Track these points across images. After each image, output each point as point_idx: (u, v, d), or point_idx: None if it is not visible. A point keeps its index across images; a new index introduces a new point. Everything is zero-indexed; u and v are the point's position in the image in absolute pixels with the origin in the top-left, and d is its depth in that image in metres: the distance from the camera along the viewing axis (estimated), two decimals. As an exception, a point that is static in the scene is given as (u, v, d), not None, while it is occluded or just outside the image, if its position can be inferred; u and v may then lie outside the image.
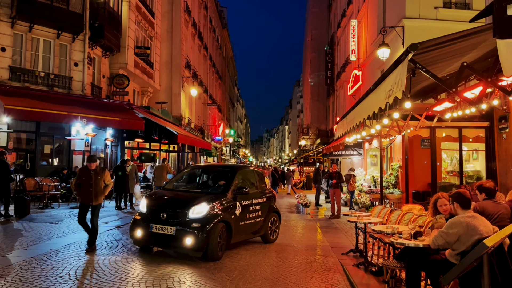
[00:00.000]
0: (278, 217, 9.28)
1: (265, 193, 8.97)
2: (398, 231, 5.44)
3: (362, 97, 6.35)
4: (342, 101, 30.31)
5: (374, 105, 5.13)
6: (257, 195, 8.58)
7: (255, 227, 8.36)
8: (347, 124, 7.47)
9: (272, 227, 8.91)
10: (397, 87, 4.01)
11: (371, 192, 15.26)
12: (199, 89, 31.29)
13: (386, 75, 4.77)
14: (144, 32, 22.64)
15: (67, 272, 6.00)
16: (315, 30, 41.84)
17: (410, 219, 6.36)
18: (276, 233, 9.07)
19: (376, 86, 5.32)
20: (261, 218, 8.50)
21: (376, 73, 19.67)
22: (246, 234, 8.19)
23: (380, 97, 4.89)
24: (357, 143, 20.73)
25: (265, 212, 8.64)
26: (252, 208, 8.24)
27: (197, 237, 6.77)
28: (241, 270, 6.52)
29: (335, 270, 6.77)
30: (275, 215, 9.08)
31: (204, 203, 7.19)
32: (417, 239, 4.77)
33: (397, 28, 15.62)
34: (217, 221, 7.12)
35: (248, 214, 8.07)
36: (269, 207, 8.87)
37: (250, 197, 8.23)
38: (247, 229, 8.11)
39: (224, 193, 7.78)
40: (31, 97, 14.58)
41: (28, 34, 15.86)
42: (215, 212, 7.21)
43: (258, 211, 8.41)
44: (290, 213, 15.46)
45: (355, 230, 7.95)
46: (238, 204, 7.78)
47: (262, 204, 8.63)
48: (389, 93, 4.35)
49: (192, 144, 24.89)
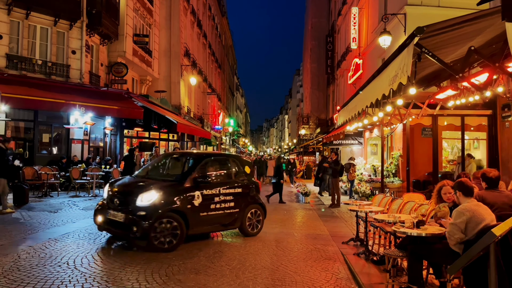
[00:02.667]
0: (262, 209, 8.58)
1: (243, 183, 8.31)
2: (400, 220, 5.37)
3: (365, 84, 6.22)
4: (342, 90, 30.12)
5: (378, 92, 5.00)
6: (229, 185, 7.99)
7: (225, 219, 7.81)
8: (349, 112, 7.35)
9: (253, 220, 8.30)
10: (402, 73, 3.88)
11: (371, 181, 15.21)
12: (199, 77, 31.07)
13: (390, 61, 4.64)
14: (142, 19, 22.36)
15: (65, 261, 5.94)
16: (315, 19, 41.42)
17: (412, 208, 6.30)
18: (259, 227, 8.43)
19: (379, 72, 5.18)
20: (234, 209, 7.91)
21: (377, 61, 19.49)
22: (212, 226, 7.69)
23: (383, 83, 4.76)
24: (357, 132, 20.63)
25: (240, 203, 8.05)
26: (221, 199, 7.67)
27: (141, 225, 6.50)
28: (240, 259, 6.47)
29: (335, 259, 6.72)
30: (257, 207, 8.44)
31: (153, 191, 6.90)
32: (420, 228, 4.69)
33: (399, 15, 15.39)
34: (166, 210, 6.80)
35: (214, 205, 7.54)
36: (247, 198, 8.26)
37: (217, 186, 7.70)
38: (213, 220, 7.58)
39: (181, 181, 7.32)
40: (28, 85, 14.43)
41: (24, 21, 15.65)
42: (165, 200, 6.87)
43: (229, 202, 7.83)
44: (290, 202, 15.42)
45: (356, 219, 7.90)
46: (199, 193, 7.28)
47: (237, 194, 8.02)
48: (393, 79, 4.23)
49: (191, 133, 24.77)
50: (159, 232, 6.64)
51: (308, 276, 5.74)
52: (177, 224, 6.85)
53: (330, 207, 13.60)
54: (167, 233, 6.73)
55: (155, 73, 24.34)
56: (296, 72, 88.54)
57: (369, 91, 5.75)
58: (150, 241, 6.56)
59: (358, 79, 23.28)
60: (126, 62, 19.87)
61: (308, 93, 45.54)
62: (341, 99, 30.17)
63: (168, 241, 6.72)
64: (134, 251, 6.70)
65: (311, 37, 42.20)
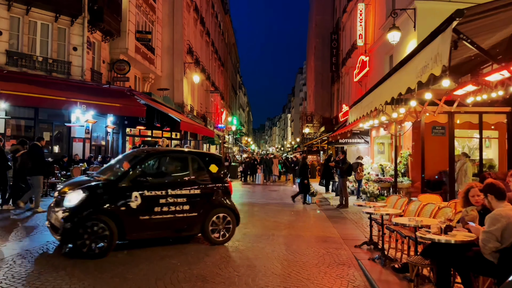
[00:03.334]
0: (233, 215, 7.54)
1: (204, 183, 7.38)
2: (423, 224, 4.99)
3: (384, 78, 5.81)
4: (347, 88, 29.69)
5: (400, 86, 4.60)
6: (183, 185, 7.14)
7: (178, 223, 6.99)
8: (363, 109, 6.96)
9: (219, 226, 7.31)
10: (435, 62, 3.50)
11: (380, 181, 14.81)
12: (202, 75, 30.69)
13: (418, 50, 4.24)
14: (145, 16, 22.00)
15: (63, 267, 5.59)
16: (319, 16, 40.95)
17: (432, 211, 5.91)
18: (227, 235, 7.40)
19: (402, 64, 4.78)
20: (190, 213, 7.05)
21: (384, 58, 19.07)
22: (159, 231, 6.89)
23: (409, 76, 4.37)
24: (364, 130, 20.25)
25: (200, 207, 7.17)
26: (169, 201, 6.84)
27: (64, 228, 6.02)
28: (249, 265, 6.10)
29: (349, 264, 6.35)
30: (225, 211, 7.45)
31: (80, 191, 6.36)
32: (448, 234, 4.31)
33: (408, 11, 14.96)
34: (93, 212, 6.21)
35: (159, 208, 6.73)
36: (211, 201, 7.35)
37: (165, 187, 6.88)
38: (160, 225, 6.79)
39: (117, 181, 6.65)
40: (28, 82, 14.09)
41: (25, 17, 15.31)
42: (92, 201, 6.29)
43: (183, 205, 6.98)
44: (295, 203, 15.04)
45: (369, 221, 7.52)
46: (137, 194, 6.53)
47: (195, 196, 7.16)
48: (422, 70, 3.85)
49: (194, 132, 24.43)
50: (86, 236, 6.04)
51: (323, 284, 5.37)
52: (107, 227, 6.18)
53: (338, 207, 13.23)
54: (95, 238, 6.10)
55: (158, 71, 23.98)
56: (299, 70, 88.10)
57: (389, 85, 5.35)
58: (76, 245, 6.04)
59: (364, 76, 22.86)
60: (128, 59, 19.51)
61: (312, 92, 45.11)
62: (346, 97, 29.75)
63: (98, 246, 6.11)
64: (135, 254, 6.35)
65: (315, 35, 41.73)
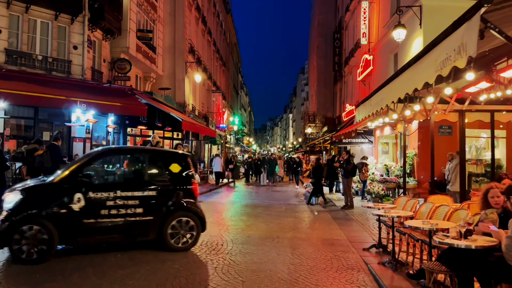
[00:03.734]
0: (197, 219, 6.93)
1: (162, 185, 6.81)
2: (438, 228, 4.72)
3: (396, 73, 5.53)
4: (350, 87, 29.42)
5: (416, 81, 4.33)
6: (137, 186, 6.57)
7: (129, 228, 6.44)
8: (372, 107, 6.69)
9: (180, 231, 6.71)
10: (458, 54, 3.23)
11: (385, 182, 14.54)
12: (203, 75, 30.44)
13: (437, 43, 3.95)
14: (146, 15, 21.77)
15: (60, 273, 5.35)
16: (321, 15, 40.70)
17: (446, 214, 5.64)
18: (190, 241, 6.80)
19: (418, 58, 4.49)
20: (145, 217, 6.51)
21: (388, 57, 18.80)
22: (107, 236, 6.39)
23: (426, 70, 4.10)
24: (368, 130, 20.00)
25: (157, 210, 6.64)
26: (118, 203, 6.32)
27: (1, 231, 5.70)
28: (254, 269, 5.84)
29: (359, 268, 6.08)
30: (188, 216, 6.85)
31: (17, 192, 6.07)
32: (468, 238, 4.04)
33: (414, 8, 14.69)
34: (29, 215, 5.84)
35: (106, 210, 6.26)
36: (170, 204, 6.77)
37: (114, 188, 6.37)
38: (108, 229, 6.30)
39: (59, 182, 6.24)
40: (27, 81, 13.83)
41: (24, 15, 15.07)
42: (29, 203, 5.96)
43: (135, 207, 6.44)
44: (299, 204, 14.80)
45: (378, 223, 7.25)
46: (80, 196, 6.11)
47: (149, 198, 6.60)
48: (442, 63, 3.59)
49: (196, 131, 24.15)
50: (24, 240, 5.72)
51: (332, 290, 5.11)
52: (45, 231, 5.82)
53: (342, 208, 12.96)
54: (34, 242, 5.74)
55: (159, 70, 23.73)
56: (301, 70, 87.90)
57: (402, 81, 5.07)
58: (12, 250, 5.71)
59: (367, 75, 22.61)
60: (129, 58, 19.27)
61: (314, 91, 44.84)
62: (349, 96, 29.49)
63: (37, 251, 5.75)
64: (137, 258, 6.10)
65: (318, 34, 41.48)
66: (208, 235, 8.09)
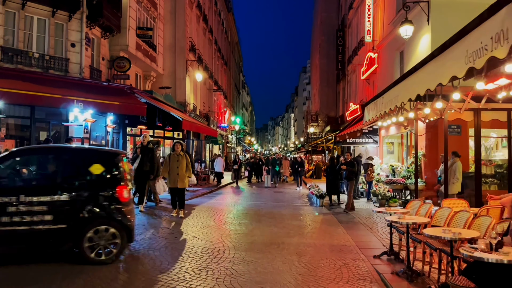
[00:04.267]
0: (122, 229, 6.14)
1: (78, 189, 6.07)
2: (461, 237, 4.29)
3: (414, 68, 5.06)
4: (354, 86, 28.98)
5: (441, 75, 3.87)
6: (45, 191, 5.88)
7: (37, 237, 5.79)
8: (385, 105, 6.26)
9: (100, 242, 5.98)
10: (497, 42, 2.83)
11: (392, 183, 14.10)
12: (204, 74, 30.03)
13: (469, 30, 3.50)
14: (146, 12, 21.35)
15: (49, 284, 4.94)
16: (324, 13, 40.25)
17: (467, 220, 5.20)
18: (112, 253, 6.04)
19: (444, 48, 4.04)
20: (55, 225, 5.81)
21: (394, 54, 18.34)
22: (10, 245, 5.79)
23: (454, 62, 3.65)
24: (373, 129, 19.57)
25: (69, 218, 5.92)
26: (22, 209, 5.67)
27: None
28: (258, 281, 5.42)
29: (371, 279, 5.66)
30: (110, 225, 6.10)
31: None
32: (498, 251, 3.61)
33: (421, 4, 14.23)
34: None
35: (7, 217, 5.63)
36: (88, 211, 6.02)
37: (18, 192, 5.74)
38: (10, 238, 5.70)
39: None
40: (24, 79, 13.44)
41: (20, 12, 14.68)
42: None
43: (43, 214, 5.76)
44: (303, 205, 14.37)
45: (390, 229, 6.82)
46: None
47: (61, 204, 5.89)
48: (475, 54, 3.17)
49: (197, 131, 23.76)
50: None
51: (344, 305, 4.69)
52: None
53: (345, 211, 12.53)
54: None
55: (160, 69, 23.31)
56: (303, 69, 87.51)
57: (424, 76, 4.61)
58: None
59: (372, 74, 22.17)
60: (129, 57, 18.86)
61: (317, 90, 44.39)
62: (352, 95, 29.05)
63: None
64: (130, 271, 5.68)
65: (320, 32, 41.02)
66: (209, 241, 7.70)
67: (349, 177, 13.26)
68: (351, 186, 13.23)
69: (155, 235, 8.17)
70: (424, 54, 13.99)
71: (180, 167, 10.21)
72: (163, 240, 7.69)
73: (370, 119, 8.14)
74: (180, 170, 10.20)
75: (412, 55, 15.85)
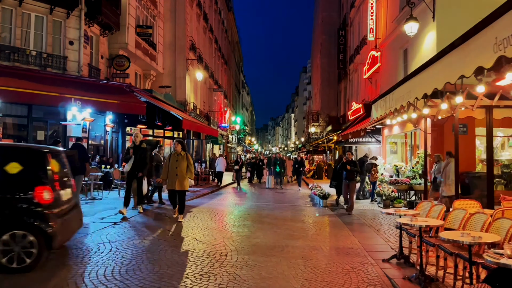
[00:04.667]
0: (40, 235, 5.44)
1: None
2: (482, 242, 4.01)
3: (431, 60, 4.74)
4: (355, 85, 28.69)
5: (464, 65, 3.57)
6: None
7: None
8: (394, 102, 5.97)
9: (14, 249, 5.30)
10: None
11: (396, 183, 13.82)
12: (205, 73, 29.74)
13: (498, 15, 3.16)
14: (146, 10, 21.07)
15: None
16: (325, 12, 39.98)
17: (484, 223, 4.92)
18: (29, 261, 5.35)
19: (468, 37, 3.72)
20: None
21: (398, 52, 18.06)
22: None
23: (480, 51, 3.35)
24: (376, 129, 19.30)
25: None
26: None
27: None
28: (263, 286, 5.13)
29: (382, 284, 5.36)
30: (26, 229, 5.41)
31: None
32: (526, 258, 3.33)
33: (426, 0, 13.95)
34: None
35: None
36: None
37: None
38: None
39: None
40: (21, 77, 13.20)
41: (18, 9, 14.43)
42: None
43: None
44: (305, 206, 14.08)
45: (399, 231, 6.53)
46: None
47: None
48: (507, 41, 2.88)
49: (198, 131, 23.49)
50: None
51: (355, 313, 4.40)
52: None
53: (347, 211, 12.22)
54: None
55: (160, 68, 23.04)
56: (303, 69, 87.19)
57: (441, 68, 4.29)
58: None
59: (374, 73, 21.90)
60: (128, 55, 18.59)
61: (318, 90, 44.10)
62: (354, 95, 28.77)
63: None
64: (125, 276, 5.39)
65: (321, 32, 40.74)
66: (211, 243, 7.41)
67: (350, 177, 12.93)
68: (353, 186, 12.92)
69: (153, 237, 7.88)
70: (429, 51, 13.71)
71: (179, 168, 9.51)
72: (162, 242, 7.40)
73: (379, 116, 7.83)
74: (179, 171, 9.51)
75: (416, 53, 15.57)
